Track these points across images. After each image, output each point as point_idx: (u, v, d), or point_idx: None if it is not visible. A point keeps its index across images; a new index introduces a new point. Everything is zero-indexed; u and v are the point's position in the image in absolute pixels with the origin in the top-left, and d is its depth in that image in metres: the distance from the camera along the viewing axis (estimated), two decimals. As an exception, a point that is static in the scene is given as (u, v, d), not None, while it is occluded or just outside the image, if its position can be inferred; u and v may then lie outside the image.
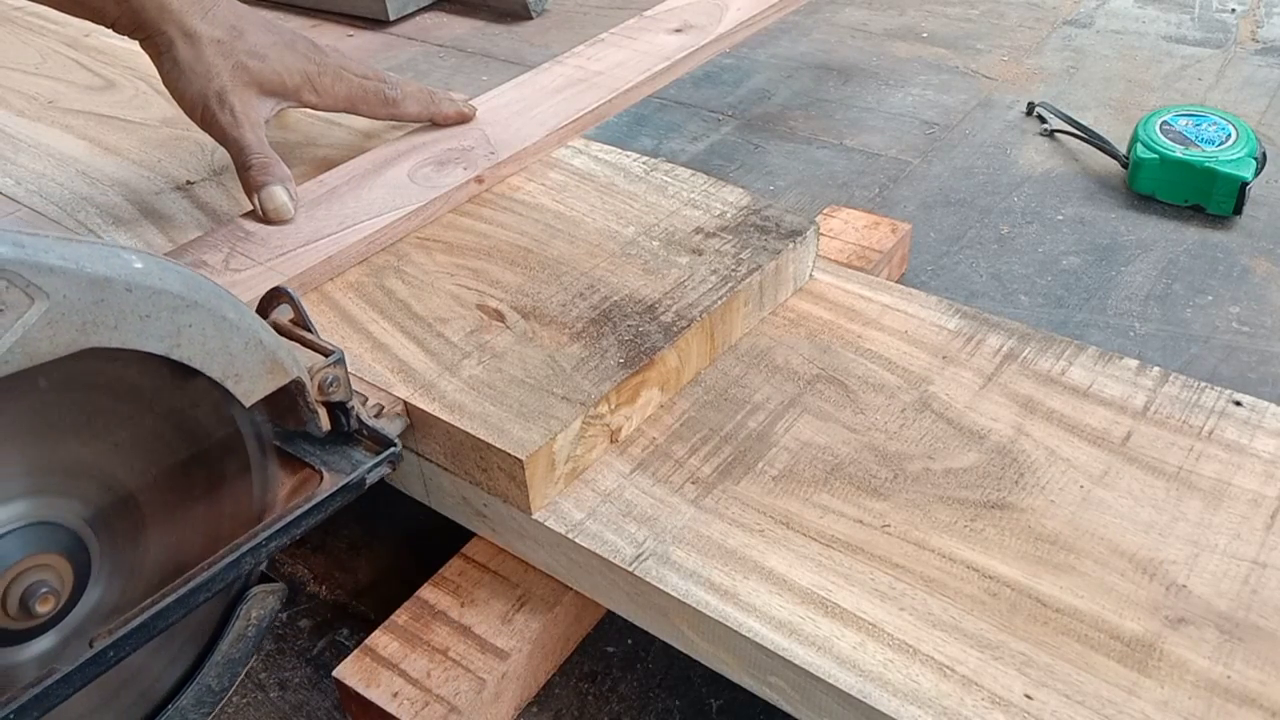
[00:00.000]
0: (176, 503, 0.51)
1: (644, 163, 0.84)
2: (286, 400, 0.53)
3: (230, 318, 0.48)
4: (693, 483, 0.61)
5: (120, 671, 0.48)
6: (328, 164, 0.84)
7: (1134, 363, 0.68)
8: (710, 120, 1.24)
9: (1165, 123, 1.06)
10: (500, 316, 0.68)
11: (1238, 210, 1.00)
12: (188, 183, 0.86)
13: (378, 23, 1.59)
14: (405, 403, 0.61)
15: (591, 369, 0.63)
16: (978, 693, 0.49)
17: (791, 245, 0.73)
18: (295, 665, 0.65)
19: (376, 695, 0.57)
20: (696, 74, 1.32)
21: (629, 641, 0.66)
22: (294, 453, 0.56)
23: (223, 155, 0.80)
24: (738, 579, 0.55)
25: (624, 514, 0.59)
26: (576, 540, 0.57)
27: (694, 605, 0.54)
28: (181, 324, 0.46)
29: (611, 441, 0.63)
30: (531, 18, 1.57)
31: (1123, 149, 1.08)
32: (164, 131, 0.94)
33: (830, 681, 0.50)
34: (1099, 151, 1.12)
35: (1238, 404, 0.65)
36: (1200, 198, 1.02)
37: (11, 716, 0.42)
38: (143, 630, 0.47)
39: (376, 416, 0.58)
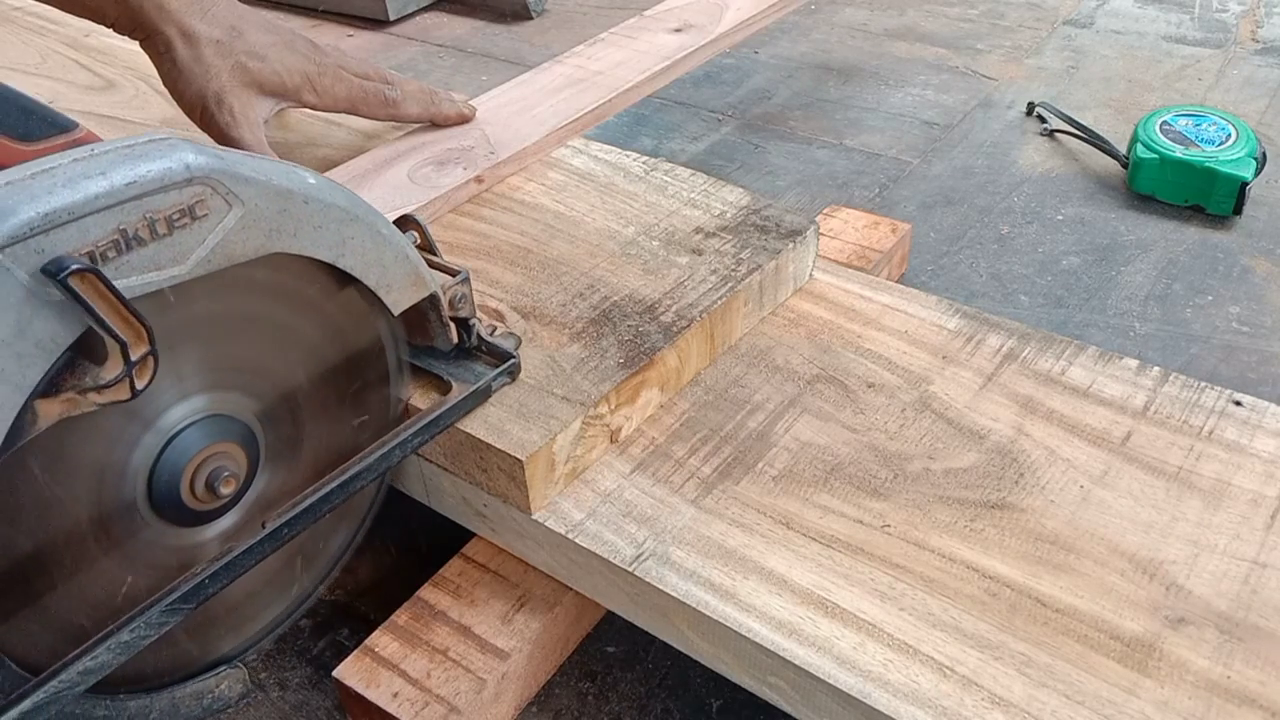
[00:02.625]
0: (328, 404, 0.57)
1: (644, 162, 0.84)
2: (417, 317, 0.58)
3: (384, 233, 0.53)
4: (693, 483, 0.61)
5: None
6: (328, 164, 0.84)
7: (1134, 363, 0.68)
8: (710, 120, 1.24)
9: (1165, 123, 1.06)
10: (500, 316, 0.68)
11: (1238, 210, 1.00)
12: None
13: (378, 23, 1.59)
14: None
15: (591, 369, 0.63)
16: (978, 693, 0.49)
17: (791, 245, 0.73)
18: (295, 665, 0.65)
19: (376, 695, 0.57)
20: (696, 74, 1.32)
21: (629, 641, 0.66)
22: (423, 366, 0.61)
23: (223, 155, 0.80)
24: (738, 579, 0.55)
25: (624, 514, 0.59)
26: (576, 540, 0.57)
27: (694, 605, 0.54)
28: (346, 235, 0.51)
29: (611, 442, 0.63)
30: (531, 18, 1.57)
31: (1123, 149, 1.08)
32: (164, 132, 0.94)
33: (830, 682, 0.50)
34: (1099, 151, 1.12)
35: (1238, 404, 0.65)
36: (1200, 198, 1.02)
37: (206, 583, 0.48)
38: (309, 512, 0.52)
39: (491, 334, 0.63)
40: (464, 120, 0.87)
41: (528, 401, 0.61)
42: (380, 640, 0.59)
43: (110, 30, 0.75)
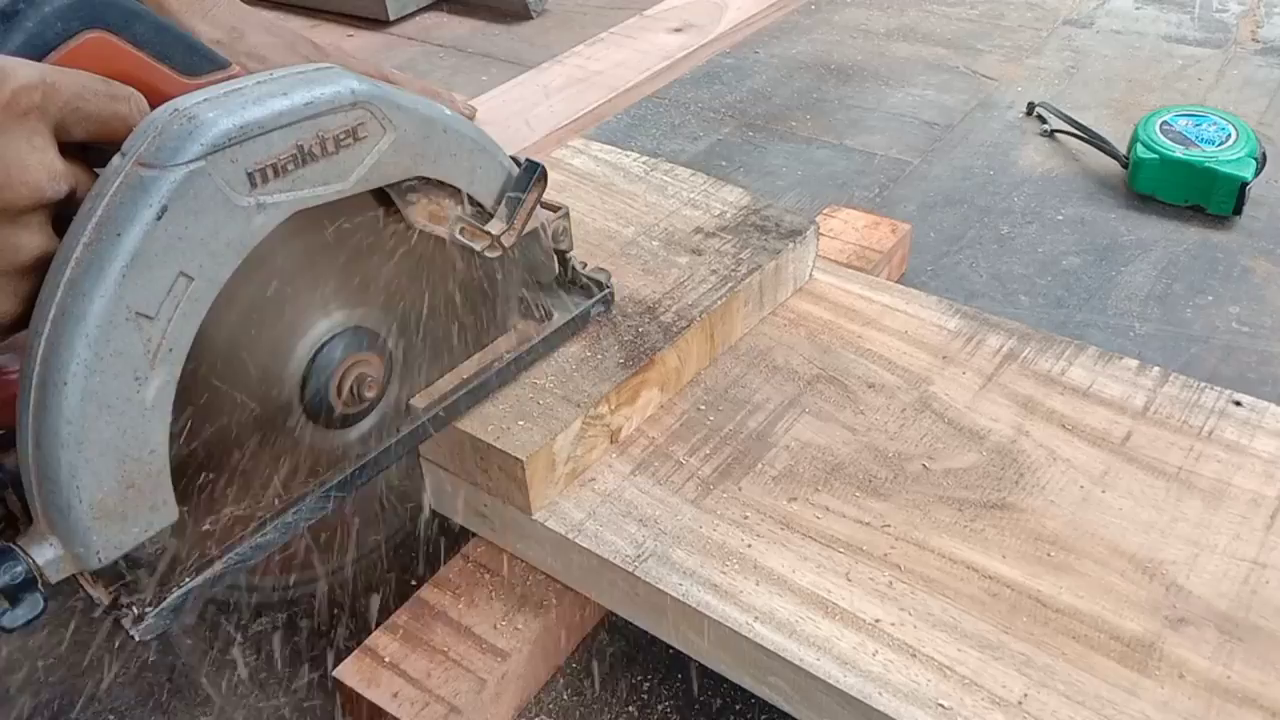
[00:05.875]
0: (449, 324, 0.60)
1: (644, 163, 0.84)
2: (524, 247, 0.62)
3: (505, 165, 0.58)
4: (693, 483, 0.61)
5: None
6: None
7: (1134, 363, 0.68)
8: (710, 120, 1.24)
9: (1165, 123, 1.06)
10: (500, 317, 0.68)
11: (1238, 210, 1.00)
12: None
13: (378, 22, 1.59)
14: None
15: (592, 369, 0.63)
16: (977, 693, 0.49)
17: (791, 245, 0.73)
18: (295, 665, 0.65)
19: (376, 695, 0.57)
20: (696, 74, 1.32)
21: (629, 641, 0.66)
22: (525, 296, 0.65)
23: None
24: (738, 579, 0.55)
25: (624, 514, 0.59)
26: (576, 540, 0.57)
27: (694, 605, 0.54)
28: (475, 164, 0.56)
29: (611, 442, 0.63)
30: (531, 18, 1.57)
31: (1123, 149, 1.08)
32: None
33: (830, 682, 0.50)
34: (1099, 151, 1.12)
35: (1238, 404, 0.65)
36: (1200, 198, 1.02)
37: (355, 474, 0.55)
38: (439, 418, 0.58)
39: (583, 269, 0.67)
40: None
41: (528, 401, 0.61)
42: (380, 640, 0.59)
43: (110, 30, 0.75)
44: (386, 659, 0.58)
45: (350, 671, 0.58)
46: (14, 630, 0.44)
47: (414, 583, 0.66)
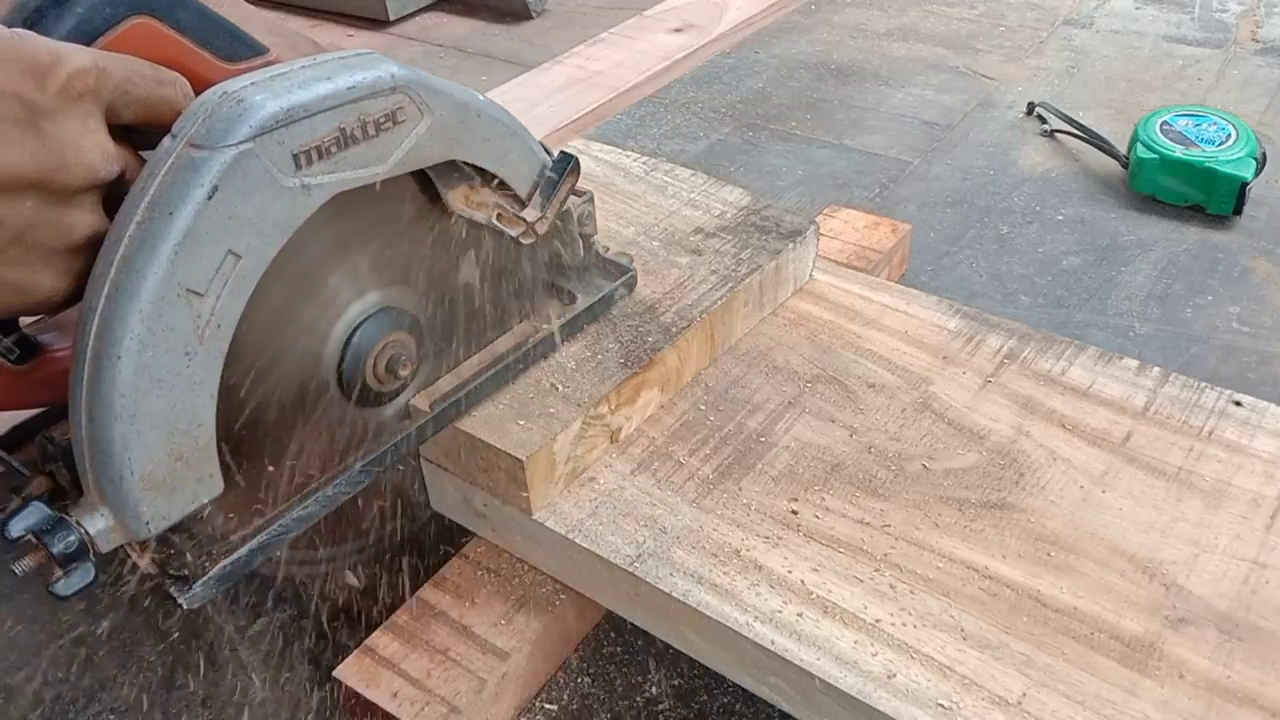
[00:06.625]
0: (478, 306, 0.62)
1: (644, 163, 0.84)
2: (550, 231, 0.62)
3: (535, 150, 0.58)
4: (693, 483, 0.61)
5: None
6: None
7: (1134, 363, 0.68)
8: (710, 120, 1.24)
9: (1165, 123, 1.06)
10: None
11: (1238, 210, 1.00)
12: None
13: (378, 23, 1.59)
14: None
15: (592, 369, 0.63)
16: (978, 693, 0.49)
17: (791, 245, 0.73)
18: (295, 665, 0.65)
19: (377, 695, 0.57)
20: (696, 74, 1.32)
21: (629, 641, 0.66)
22: (549, 279, 0.66)
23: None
24: (738, 579, 0.55)
25: (624, 514, 0.59)
26: (577, 540, 0.57)
27: (694, 605, 0.54)
28: (506, 149, 0.56)
29: (612, 442, 0.63)
30: (531, 18, 1.57)
31: (1123, 149, 1.08)
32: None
33: (830, 682, 0.50)
34: (1099, 151, 1.12)
35: (1238, 404, 0.65)
36: (1200, 198, 1.02)
37: (390, 450, 0.57)
38: (475, 392, 0.60)
39: (605, 252, 0.68)
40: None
41: (528, 401, 0.61)
42: (380, 640, 0.59)
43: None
44: (386, 659, 0.58)
45: (350, 671, 0.58)
46: (67, 598, 0.45)
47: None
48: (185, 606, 0.49)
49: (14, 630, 0.67)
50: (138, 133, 0.48)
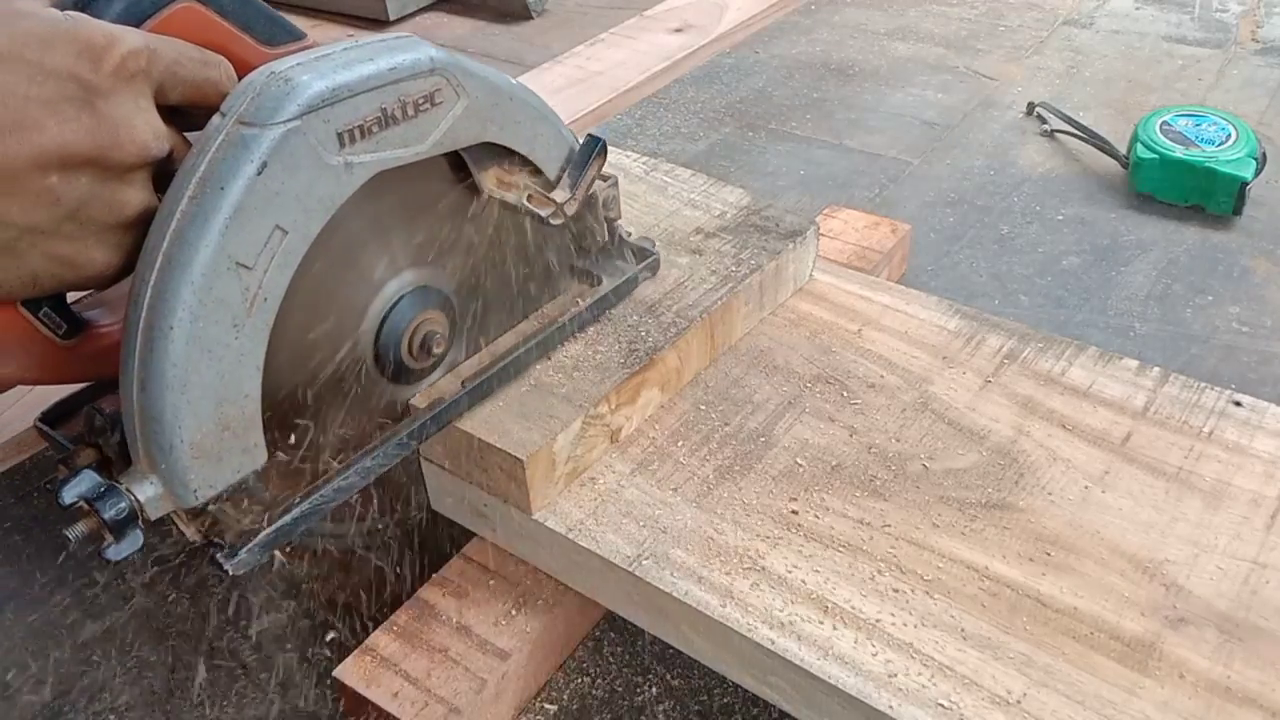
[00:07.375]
0: (507, 286, 0.63)
1: (644, 163, 0.84)
2: (577, 214, 0.63)
3: (564, 134, 0.60)
4: (693, 483, 0.61)
5: None
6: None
7: (1134, 363, 0.68)
8: (710, 120, 1.24)
9: (1165, 123, 1.06)
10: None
11: (1238, 210, 1.00)
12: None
13: (378, 23, 1.59)
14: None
15: (592, 369, 0.63)
16: (978, 693, 0.49)
17: (791, 245, 0.73)
18: (295, 665, 0.65)
19: (377, 695, 0.57)
20: (696, 74, 1.32)
21: (628, 641, 0.66)
22: (576, 263, 0.68)
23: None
24: (738, 579, 0.55)
25: (624, 514, 0.59)
26: (577, 540, 0.57)
27: (694, 605, 0.54)
28: (537, 132, 0.58)
29: (612, 442, 0.63)
30: (531, 18, 1.57)
31: (1123, 149, 1.08)
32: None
33: (830, 681, 0.50)
34: (1099, 151, 1.12)
35: (1238, 404, 0.65)
36: (1200, 198, 1.02)
37: (425, 425, 0.58)
38: (503, 372, 0.61)
39: (629, 236, 0.69)
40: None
41: (528, 401, 0.61)
42: (380, 640, 0.59)
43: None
44: (386, 658, 0.58)
45: (350, 671, 0.58)
46: (118, 562, 0.47)
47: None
48: (231, 573, 0.50)
49: (14, 630, 0.67)
50: (181, 114, 0.50)
